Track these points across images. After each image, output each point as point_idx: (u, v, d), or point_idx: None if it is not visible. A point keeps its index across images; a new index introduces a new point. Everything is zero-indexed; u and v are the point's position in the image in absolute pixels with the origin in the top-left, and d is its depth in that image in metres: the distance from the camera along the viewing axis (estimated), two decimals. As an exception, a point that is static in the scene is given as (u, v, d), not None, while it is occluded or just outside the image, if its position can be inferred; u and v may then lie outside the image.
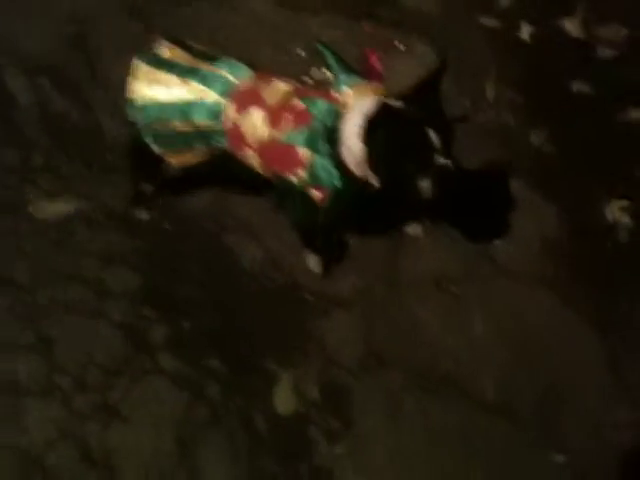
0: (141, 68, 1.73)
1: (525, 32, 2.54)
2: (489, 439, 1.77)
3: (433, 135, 1.49)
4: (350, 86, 1.66)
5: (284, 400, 1.80)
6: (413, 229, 2.05)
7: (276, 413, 1.79)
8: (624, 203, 2.16)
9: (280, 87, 1.71)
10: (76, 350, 1.84)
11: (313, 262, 1.97)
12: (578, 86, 2.42)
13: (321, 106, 1.64)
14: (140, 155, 1.91)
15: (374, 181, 1.61)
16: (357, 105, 1.60)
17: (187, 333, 1.90)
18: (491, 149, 2.26)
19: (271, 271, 2.00)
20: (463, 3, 2.61)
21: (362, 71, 1.72)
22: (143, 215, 2.07)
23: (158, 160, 1.88)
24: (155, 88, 1.73)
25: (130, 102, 1.75)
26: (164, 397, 1.80)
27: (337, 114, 1.63)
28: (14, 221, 2.04)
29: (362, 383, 1.83)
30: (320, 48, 1.74)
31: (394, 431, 1.77)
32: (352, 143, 1.58)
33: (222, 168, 1.93)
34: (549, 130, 2.31)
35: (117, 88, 2.07)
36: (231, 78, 1.71)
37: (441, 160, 1.50)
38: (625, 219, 2.14)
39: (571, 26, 2.57)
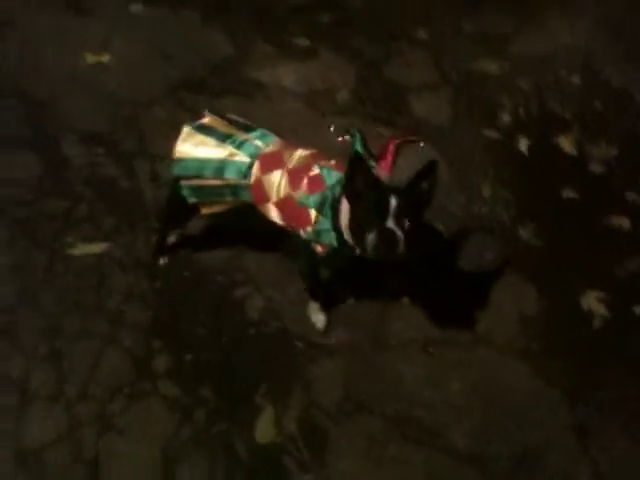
0: (187, 132, 2.06)
1: (523, 145, 2.86)
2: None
3: (393, 202, 1.73)
4: None
5: (264, 430, 1.96)
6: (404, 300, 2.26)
7: (255, 441, 1.94)
8: (600, 295, 2.34)
9: (300, 153, 2.00)
10: (85, 366, 2.05)
11: (316, 318, 2.19)
12: (567, 193, 2.69)
13: (334, 177, 1.92)
14: (173, 210, 2.22)
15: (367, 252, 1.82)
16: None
17: (187, 364, 2.10)
18: (483, 242, 2.50)
19: (269, 319, 2.21)
20: (469, 117, 2.95)
21: (377, 155, 1.99)
22: (162, 261, 2.33)
23: (187, 215, 2.18)
24: (196, 148, 2.04)
25: (176, 160, 2.06)
26: (157, 416, 1.98)
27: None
28: (49, 259, 2.32)
29: (338, 425, 1.98)
30: (352, 131, 2.06)
31: (368, 469, 1.88)
32: (344, 208, 1.85)
33: (239, 231, 2.23)
34: (537, 227, 2.56)
35: (160, 161, 2.47)
36: (260, 143, 2.02)
37: (390, 224, 1.72)
38: (600, 309, 2.31)
39: (565, 143, 2.89)
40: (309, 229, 1.92)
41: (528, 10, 3.50)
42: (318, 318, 2.17)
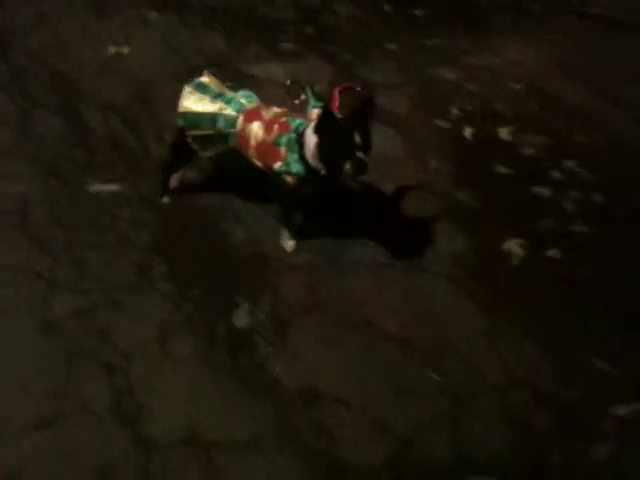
0: (189, 91, 2.64)
1: (467, 132, 3.46)
2: (387, 365, 2.38)
3: (357, 137, 2.31)
4: (316, 108, 2.54)
5: (240, 318, 2.47)
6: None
7: (233, 324, 2.45)
8: (519, 241, 2.90)
9: (274, 109, 2.59)
10: (98, 268, 2.58)
11: (286, 243, 2.73)
12: (500, 169, 3.27)
13: (297, 122, 2.50)
14: (175, 154, 2.79)
15: (321, 169, 2.42)
16: (315, 119, 2.46)
17: (180, 272, 2.62)
18: (428, 200, 3.07)
19: (249, 244, 2.75)
20: (425, 110, 3.56)
21: (327, 100, 2.57)
22: (166, 200, 2.88)
23: (186, 159, 2.75)
24: (195, 104, 2.62)
25: (180, 113, 2.64)
26: (155, 304, 2.49)
27: (306, 126, 2.49)
28: (72, 192, 2.87)
29: (298, 316, 2.49)
30: (304, 84, 2.65)
31: (318, 346, 2.40)
32: (309, 142, 2.42)
33: (228, 178, 2.80)
34: (473, 192, 3.12)
35: (164, 125, 3.05)
36: (244, 101, 2.61)
37: (359, 154, 2.30)
38: (518, 250, 2.86)
39: (503, 132, 3.49)
40: (280, 163, 2.48)
41: (483, 31, 4.16)
42: (287, 243, 2.71)
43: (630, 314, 2.60)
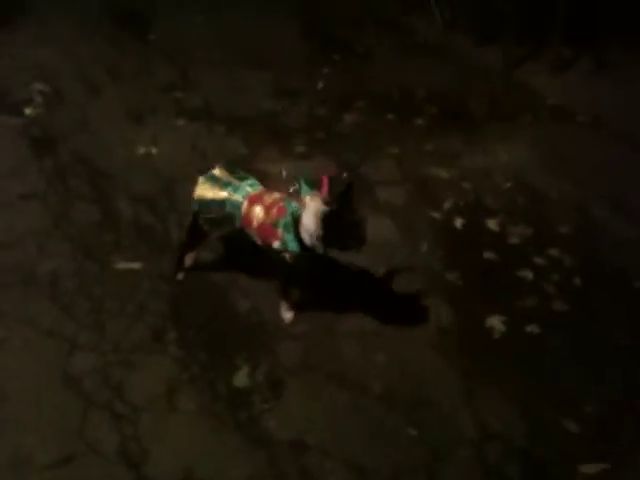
0: (202, 181, 3.07)
1: (458, 223, 3.81)
2: (370, 420, 2.62)
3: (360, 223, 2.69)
4: (308, 195, 2.92)
5: (240, 379, 2.75)
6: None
7: (233, 385, 2.73)
8: (502, 318, 3.17)
9: (274, 195, 3.00)
10: (118, 332, 2.92)
11: (285, 315, 3.05)
12: (488, 255, 3.58)
13: (292, 205, 2.89)
14: (191, 235, 3.18)
15: (320, 249, 2.76)
16: (310, 205, 2.84)
17: (191, 338, 2.94)
18: (413, 280, 3.37)
19: (252, 314, 3.07)
20: (420, 202, 3.94)
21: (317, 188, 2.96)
22: (180, 277, 3.25)
23: (200, 240, 3.15)
24: (207, 192, 3.04)
25: (194, 199, 3.05)
26: (164, 364, 2.79)
27: (300, 209, 2.87)
28: (100, 268, 3.27)
29: (294, 378, 2.77)
30: (298, 179, 3.05)
31: (309, 403, 2.66)
32: (307, 224, 2.79)
33: (235, 257, 3.18)
34: (461, 274, 3.42)
35: (184, 214, 3.47)
36: (249, 189, 3.03)
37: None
38: (500, 326, 3.13)
39: (492, 224, 3.83)
40: (278, 242, 2.84)
41: (476, 135, 4.59)
42: (287, 314, 3.03)
43: (601, 381, 2.80)
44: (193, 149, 4.26)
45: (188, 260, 3.27)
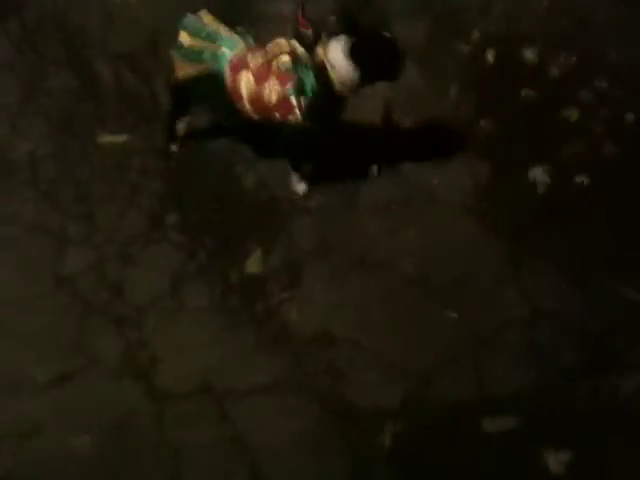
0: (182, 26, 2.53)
1: (490, 55, 3.25)
2: (403, 305, 2.31)
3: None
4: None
5: (253, 264, 2.43)
6: (370, 170, 2.70)
7: (246, 272, 2.41)
8: (545, 167, 2.74)
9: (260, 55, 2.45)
10: (110, 221, 2.55)
11: (298, 187, 2.64)
12: (526, 92, 3.07)
13: (297, 65, 2.36)
14: (176, 98, 2.70)
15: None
16: (330, 50, 2.33)
17: (192, 220, 2.57)
18: (448, 131, 2.91)
19: (260, 188, 2.68)
20: (445, 35, 3.36)
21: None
22: (174, 148, 2.81)
23: (187, 103, 2.68)
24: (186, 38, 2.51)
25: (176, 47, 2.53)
26: (166, 255, 2.46)
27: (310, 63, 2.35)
28: (82, 145, 2.83)
29: (312, 260, 2.43)
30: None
31: (333, 289, 2.34)
32: (341, 69, 2.29)
33: (237, 123, 2.70)
34: (496, 118, 2.94)
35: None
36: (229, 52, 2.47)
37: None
38: (544, 178, 2.71)
39: (529, 53, 3.27)
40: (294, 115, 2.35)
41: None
42: (299, 186, 2.62)
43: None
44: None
45: (181, 128, 2.82)
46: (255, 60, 2.39)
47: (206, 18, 2.50)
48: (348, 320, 2.25)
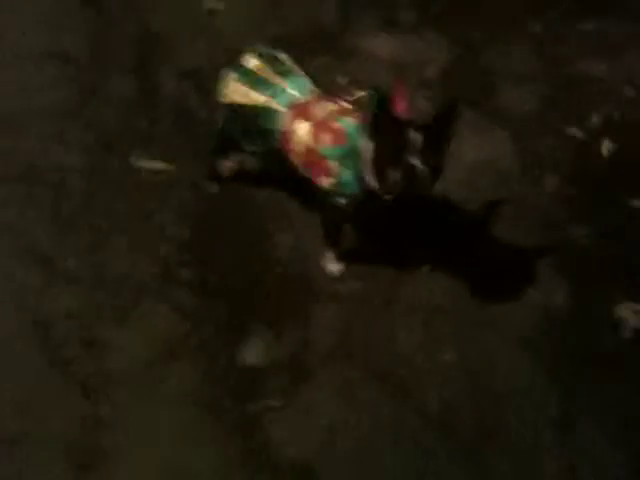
0: (231, 77, 2.19)
1: (605, 148, 2.73)
2: (419, 446, 1.87)
3: (417, 138, 1.75)
4: None
5: (255, 351, 2.06)
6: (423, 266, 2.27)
7: (245, 360, 2.05)
8: (636, 306, 2.21)
9: (328, 105, 2.08)
10: (120, 262, 2.25)
11: (331, 265, 2.26)
12: (636, 203, 2.54)
13: (356, 128, 1.96)
14: (222, 140, 2.37)
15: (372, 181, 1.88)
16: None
17: (210, 281, 2.24)
18: (530, 230, 2.43)
19: (294, 258, 2.31)
20: (556, 113, 2.86)
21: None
22: (214, 189, 2.48)
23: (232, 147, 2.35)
24: (236, 94, 2.17)
25: (221, 101, 2.22)
26: (168, 319, 2.13)
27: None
28: (119, 166, 2.56)
29: (322, 364, 2.04)
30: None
31: (336, 408, 1.93)
32: (365, 151, 1.89)
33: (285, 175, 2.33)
34: (592, 230, 2.44)
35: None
36: (296, 93, 2.12)
37: (415, 161, 1.74)
38: (633, 319, 2.18)
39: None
40: (330, 180, 1.98)
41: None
42: (333, 265, 2.24)
43: None
44: (272, 9, 3.29)
45: (227, 169, 2.49)
46: (322, 110, 2.01)
47: (257, 63, 2.15)
48: (341, 457, 1.83)
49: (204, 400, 1.96)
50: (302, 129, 2.02)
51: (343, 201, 2.00)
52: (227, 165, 2.50)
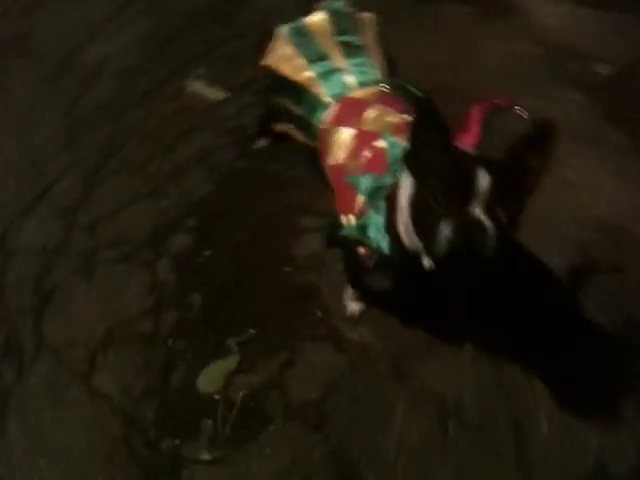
0: (282, 35, 1.65)
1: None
2: None
3: (483, 179, 1.14)
4: None
5: (212, 379, 1.69)
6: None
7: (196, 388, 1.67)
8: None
9: (384, 112, 1.49)
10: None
11: (350, 305, 1.78)
12: None
13: (399, 152, 1.37)
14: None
15: (426, 259, 1.29)
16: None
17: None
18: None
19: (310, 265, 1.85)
20: None
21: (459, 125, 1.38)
22: (261, 143, 2.08)
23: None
24: (283, 61, 1.64)
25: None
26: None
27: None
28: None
29: (278, 427, 1.62)
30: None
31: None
32: (402, 199, 1.32)
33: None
34: None
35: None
36: (351, 80, 1.55)
37: (476, 210, 1.15)
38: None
39: None
40: (351, 219, 1.44)
41: None
42: (351, 304, 1.76)
43: None
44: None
45: (277, 130, 2.00)
46: (373, 116, 1.46)
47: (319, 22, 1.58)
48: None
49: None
50: (343, 135, 1.47)
51: (363, 251, 1.45)
52: (279, 127, 2.00)
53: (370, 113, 1.47)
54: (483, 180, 1.14)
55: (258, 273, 1.90)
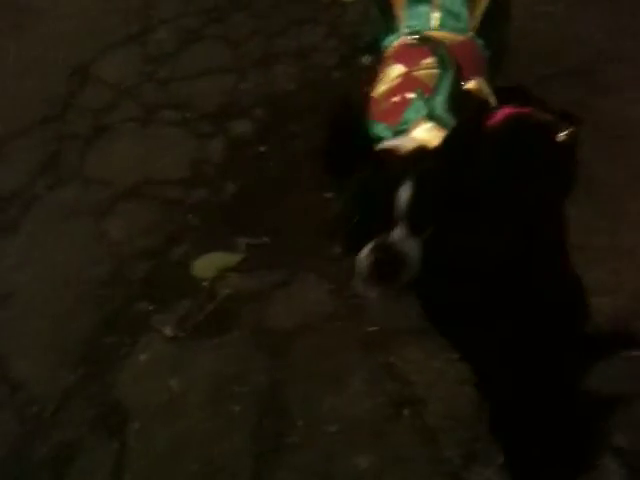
0: None
1: None
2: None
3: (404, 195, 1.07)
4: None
5: (205, 267, 1.69)
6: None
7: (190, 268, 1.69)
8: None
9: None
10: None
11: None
12: None
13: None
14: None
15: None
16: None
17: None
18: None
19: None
20: None
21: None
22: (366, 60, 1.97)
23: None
24: None
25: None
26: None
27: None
28: None
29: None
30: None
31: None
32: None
33: None
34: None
35: None
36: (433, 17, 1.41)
37: (397, 234, 1.10)
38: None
39: None
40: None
41: None
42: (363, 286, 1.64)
43: None
44: None
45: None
46: (419, 60, 1.35)
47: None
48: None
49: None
50: (394, 72, 1.36)
51: None
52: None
53: (429, 61, 1.34)
54: (404, 195, 1.08)
55: (300, 191, 1.83)
